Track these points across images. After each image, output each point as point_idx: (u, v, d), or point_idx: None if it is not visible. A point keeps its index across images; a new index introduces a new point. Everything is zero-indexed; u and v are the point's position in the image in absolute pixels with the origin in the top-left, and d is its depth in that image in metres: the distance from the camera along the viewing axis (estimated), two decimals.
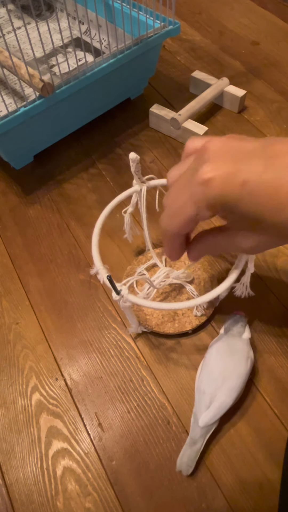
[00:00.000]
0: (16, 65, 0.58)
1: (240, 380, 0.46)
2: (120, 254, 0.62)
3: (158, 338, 0.55)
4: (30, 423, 0.50)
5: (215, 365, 0.47)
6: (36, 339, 0.56)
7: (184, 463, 0.44)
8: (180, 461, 0.45)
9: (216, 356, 0.48)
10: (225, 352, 0.48)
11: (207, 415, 0.44)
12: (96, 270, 0.44)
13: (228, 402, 0.45)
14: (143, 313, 0.54)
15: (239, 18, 0.99)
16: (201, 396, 0.46)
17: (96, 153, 0.75)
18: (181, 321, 0.53)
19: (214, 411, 0.44)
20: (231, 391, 0.45)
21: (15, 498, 0.46)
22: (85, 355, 0.54)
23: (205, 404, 0.45)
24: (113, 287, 0.41)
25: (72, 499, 0.45)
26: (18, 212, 0.68)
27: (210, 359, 0.48)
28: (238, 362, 0.47)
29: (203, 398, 0.45)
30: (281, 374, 0.51)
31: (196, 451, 0.45)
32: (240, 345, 0.48)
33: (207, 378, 0.47)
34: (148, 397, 0.51)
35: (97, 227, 0.47)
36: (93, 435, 0.49)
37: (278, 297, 0.57)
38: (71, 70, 0.62)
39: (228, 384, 0.45)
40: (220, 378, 0.46)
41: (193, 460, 0.44)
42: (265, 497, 0.44)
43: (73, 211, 0.68)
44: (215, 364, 0.47)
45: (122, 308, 0.44)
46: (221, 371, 0.46)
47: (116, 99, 0.78)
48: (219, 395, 0.45)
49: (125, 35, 0.69)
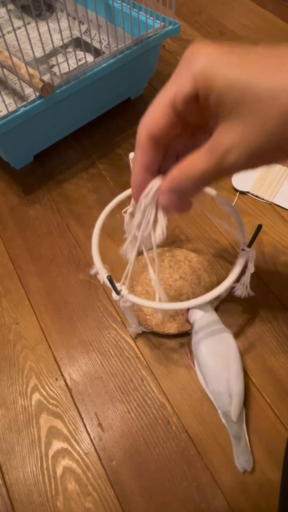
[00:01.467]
0: (16, 65, 0.58)
1: (238, 360, 0.47)
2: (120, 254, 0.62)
3: (158, 338, 0.55)
4: (30, 423, 0.50)
5: (212, 362, 0.47)
6: (36, 339, 0.56)
7: (243, 461, 0.45)
8: (238, 461, 0.45)
9: (208, 353, 0.48)
10: (213, 345, 0.48)
11: (235, 408, 0.45)
12: (96, 270, 0.44)
13: (242, 385, 0.47)
14: (143, 313, 0.54)
15: (239, 18, 0.99)
16: (219, 397, 0.46)
17: (96, 153, 0.75)
18: (181, 321, 0.53)
19: (237, 401, 0.46)
20: (239, 374, 0.47)
21: (15, 498, 0.46)
22: (85, 355, 0.54)
23: (227, 401, 0.46)
24: (113, 287, 0.41)
25: (72, 499, 0.45)
26: (18, 212, 0.68)
27: (205, 359, 0.48)
28: (227, 346, 0.48)
29: (223, 397, 0.46)
30: (281, 374, 0.51)
31: (245, 445, 0.46)
32: (218, 329, 0.49)
33: (213, 377, 0.47)
34: (148, 397, 0.51)
35: (97, 227, 0.47)
36: (93, 435, 0.49)
37: (278, 297, 0.57)
38: (71, 70, 0.62)
39: (233, 370, 0.46)
40: (223, 370, 0.46)
41: (247, 453, 0.46)
42: (265, 497, 0.44)
43: (73, 211, 0.68)
44: (211, 361, 0.47)
45: (122, 308, 0.44)
46: (220, 363, 0.47)
47: (116, 99, 0.78)
48: (233, 385, 0.46)
49: (125, 35, 0.69)
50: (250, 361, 0.52)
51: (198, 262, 0.58)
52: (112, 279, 0.41)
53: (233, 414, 0.45)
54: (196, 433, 0.48)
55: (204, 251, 0.61)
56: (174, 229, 0.64)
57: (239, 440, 0.46)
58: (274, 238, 0.62)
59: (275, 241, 0.62)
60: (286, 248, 0.61)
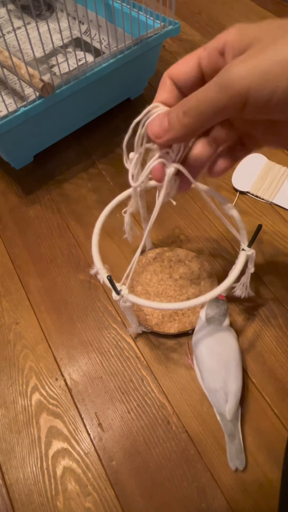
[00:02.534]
0: (16, 65, 0.58)
1: (238, 361, 0.47)
2: (120, 254, 0.62)
3: (158, 338, 0.55)
4: (30, 423, 0.50)
5: (211, 361, 0.47)
6: (36, 339, 0.56)
7: (236, 459, 0.45)
8: (231, 460, 0.46)
9: (207, 352, 0.48)
10: (213, 346, 0.48)
11: (230, 407, 0.45)
12: (96, 270, 0.44)
13: (239, 385, 0.47)
14: (143, 313, 0.54)
15: (239, 18, 0.99)
16: (215, 394, 0.46)
17: (96, 153, 0.75)
18: (181, 321, 0.53)
19: (233, 400, 0.46)
20: (237, 375, 0.47)
21: (15, 498, 0.46)
22: (85, 355, 0.54)
23: (222, 399, 0.46)
24: (113, 287, 0.41)
25: (72, 499, 0.45)
26: (18, 212, 0.68)
27: (203, 358, 0.48)
28: (229, 348, 0.48)
29: (218, 395, 0.46)
30: (281, 374, 0.51)
31: (239, 443, 0.46)
32: (224, 334, 0.48)
33: (211, 376, 0.47)
34: (148, 397, 0.51)
35: (97, 227, 0.47)
36: (93, 435, 0.49)
37: (278, 297, 0.57)
38: (71, 70, 0.62)
39: (231, 371, 0.46)
40: (221, 369, 0.46)
41: (240, 452, 0.46)
42: (265, 497, 0.44)
43: (73, 211, 0.68)
44: (210, 360, 0.47)
45: (122, 308, 0.44)
46: (219, 363, 0.47)
47: (116, 99, 0.78)
48: (230, 384, 0.46)
49: (125, 35, 0.69)
50: (250, 361, 0.52)
51: (198, 262, 0.58)
52: (112, 279, 0.41)
53: (227, 413, 0.45)
54: (196, 433, 0.48)
55: (204, 251, 0.61)
56: (174, 229, 0.64)
57: (233, 438, 0.46)
58: (274, 238, 0.62)
59: (275, 241, 0.62)
60: (286, 248, 0.61)
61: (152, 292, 0.56)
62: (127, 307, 0.44)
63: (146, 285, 0.57)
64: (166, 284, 0.57)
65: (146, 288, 0.57)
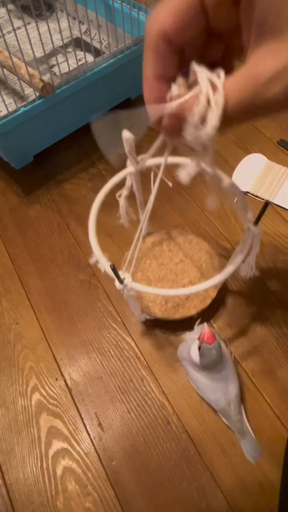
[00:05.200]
0: (16, 65, 0.58)
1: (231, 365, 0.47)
2: (120, 253, 0.62)
3: (158, 338, 0.55)
4: (30, 423, 0.50)
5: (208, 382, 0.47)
6: (36, 339, 0.56)
7: (252, 452, 0.46)
8: (248, 454, 0.46)
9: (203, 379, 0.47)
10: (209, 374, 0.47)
11: (235, 412, 0.46)
12: (96, 259, 0.42)
13: (238, 386, 0.47)
14: (145, 300, 0.53)
15: None
16: (217, 403, 0.47)
17: (96, 153, 0.75)
18: (185, 306, 0.52)
19: (236, 404, 0.46)
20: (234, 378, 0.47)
21: (15, 498, 0.46)
22: (85, 355, 0.54)
23: (225, 404, 0.46)
24: (116, 275, 0.39)
25: (72, 499, 0.45)
26: (18, 212, 0.68)
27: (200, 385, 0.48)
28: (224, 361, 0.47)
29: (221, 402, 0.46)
30: (281, 374, 0.51)
31: (250, 437, 0.46)
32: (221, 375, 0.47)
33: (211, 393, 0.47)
34: (148, 397, 0.51)
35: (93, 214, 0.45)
36: (93, 435, 0.49)
37: (278, 297, 0.57)
38: (71, 70, 0.62)
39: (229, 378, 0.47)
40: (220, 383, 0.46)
41: (255, 445, 0.46)
42: (265, 497, 0.44)
43: (73, 211, 0.68)
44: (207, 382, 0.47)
45: (126, 297, 0.42)
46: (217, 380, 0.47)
47: (116, 99, 0.78)
48: (230, 390, 0.46)
49: (125, 35, 0.69)
50: (250, 361, 0.52)
51: (197, 243, 0.57)
52: (115, 268, 0.39)
53: (233, 416, 0.46)
54: (196, 433, 0.48)
55: None
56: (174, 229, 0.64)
57: (244, 435, 0.46)
58: (274, 238, 0.62)
59: (275, 241, 0.62)
60: (286, 248, 0.61)
61: (153, 277, 0.55)
62: (131, 296, 0.42)
63: (146, 270, 0.56)
64: (167, 268, 0.55)
65: (146, 274, 0.55)
